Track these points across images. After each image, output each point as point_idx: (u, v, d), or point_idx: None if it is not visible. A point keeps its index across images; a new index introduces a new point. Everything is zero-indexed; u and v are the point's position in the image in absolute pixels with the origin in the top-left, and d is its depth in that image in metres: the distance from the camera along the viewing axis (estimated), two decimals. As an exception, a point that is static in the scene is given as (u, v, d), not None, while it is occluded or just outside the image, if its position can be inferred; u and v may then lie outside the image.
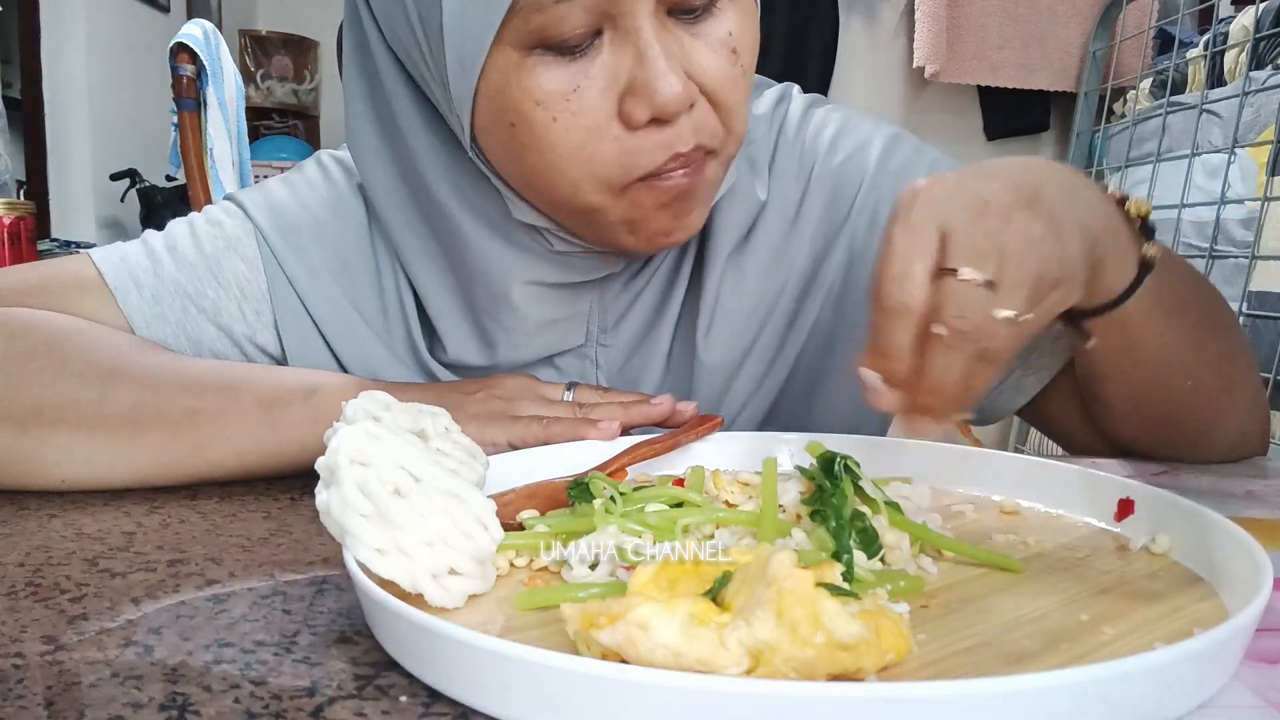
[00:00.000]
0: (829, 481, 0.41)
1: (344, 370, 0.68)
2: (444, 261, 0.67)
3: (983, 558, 0.41)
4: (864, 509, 0.41)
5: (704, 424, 0.59)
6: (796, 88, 0.76)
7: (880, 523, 0.41)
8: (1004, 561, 0.40)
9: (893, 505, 0.43)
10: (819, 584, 0.30)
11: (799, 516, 0.43)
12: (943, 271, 0.41)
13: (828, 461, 0.43)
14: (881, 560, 0.40)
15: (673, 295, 0.70)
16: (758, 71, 0.79)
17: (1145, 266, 0.51)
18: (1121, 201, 0.53)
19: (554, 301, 0.67)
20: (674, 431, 0.58)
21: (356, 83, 0.65)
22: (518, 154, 0.56)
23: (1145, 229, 0.52)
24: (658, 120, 0.54)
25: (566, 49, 0.53)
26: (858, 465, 0.43)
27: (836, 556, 0.38)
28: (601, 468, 0.52)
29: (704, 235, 0.69)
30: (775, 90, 0.75)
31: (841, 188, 0.70)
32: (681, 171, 0.56)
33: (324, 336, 0.68)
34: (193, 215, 0.71)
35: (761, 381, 0.71)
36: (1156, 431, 0.64)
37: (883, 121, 0.74)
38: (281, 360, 0.69)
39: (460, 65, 0.54)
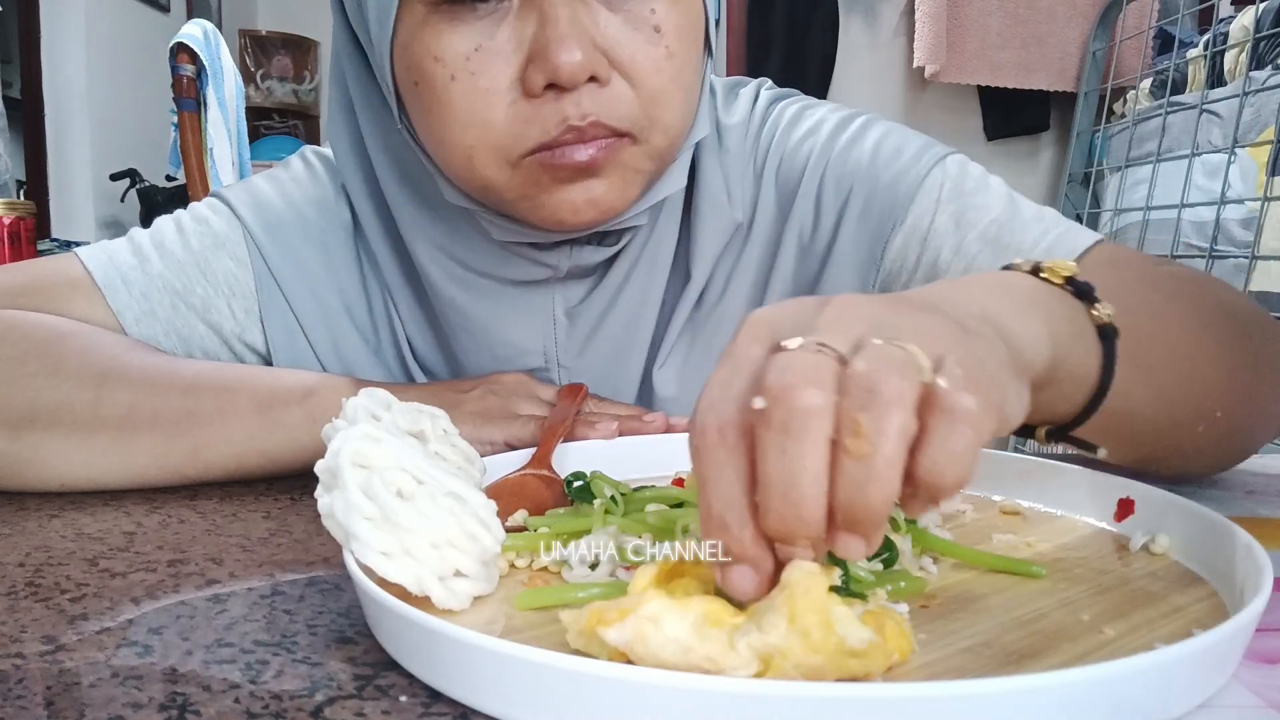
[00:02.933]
0: None
1: (324, 370, 0.68)
2: (406, 267, 0.68)
3: (1007, 567, 0.40)
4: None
5: (576, 395, 0.61)
6: (767, 83, 0.74)
7: (900, 540, 0.41)
8: (1025, 568, 0.40)
9: (914, 522, 0.42)
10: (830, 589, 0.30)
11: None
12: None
13: None
14: (883, 561, 0.39)
15: (643, 319, 0.67)
16: (760, 72, 0.78)
17: (1106, 333, 0.41)
18: (1035, 271, 0.41)
19: (499, 300, 0.65)
20: (564, 409, 0.59)
21: (335, 87, 0.66)
22: (423, 118, 0.56)
23: (1079, 290, 0.41)
24: (557, 89, 0.52)
25: (469, 4, 0.52)
26: None
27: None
28: (536, 461, 0.52)
29: (677, 263, 0.67)
30: (748, 90, 0.72)
31: (789, 177, 0.68)
32: (580, 148, 0.53)
33: (307, 337, 0.68)
34: (179, 213, 0.71)
35: None
36: (1194, 470, 0.55)
37: (840, 108, 0.71)
38: (268, 359, 0.69)
39: (378, 21, 0.55)
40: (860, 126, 0.68)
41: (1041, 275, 0.40)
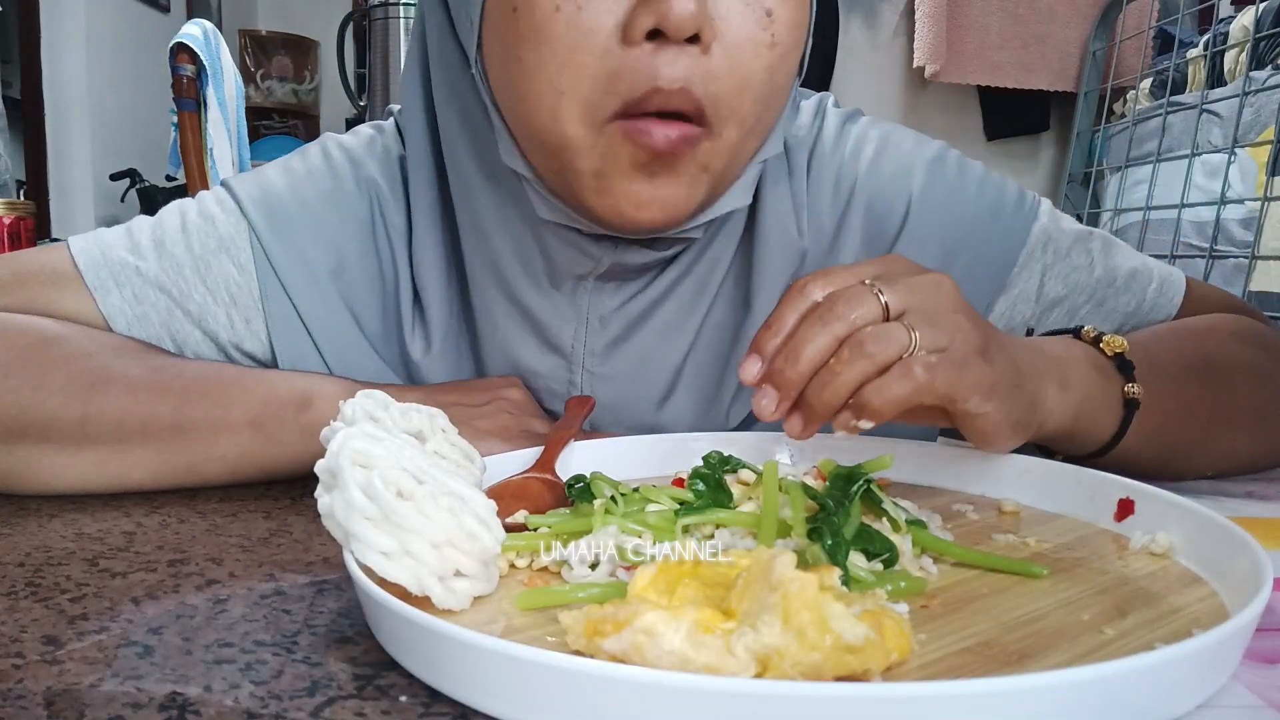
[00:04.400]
0: (832, 500, 0.41)
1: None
2: (446, 250, 0.67)
3: (1007, 567, 0.40)
4: (877, 527, 0.41)
5: (584, 406, 0.61)
6: (832, 98, 0.72)
7: (900, 540, 0.41)
8: (1025, 568, 0.40)
9: (917, 523, 0.42)
10: (822, 587, 0.30)
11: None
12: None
13: (843, 478, 0.43)
14: (883, 561, 0.39)
15: (678, 341, 0.66)
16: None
17: (1130, 405, 0.52)
18: (1096, 341, 0.54)
19: (539, 289, 0.64)
20: (571, 419, 0.59)
21: (415, 42, 0.65)
22: (514, 51, 0.53)
23: (1123, 366, 0.53)
24: (658, 41, 0.50)
25: None
26: (881, 488, 0.43)
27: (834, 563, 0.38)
28: (540, 465, 0.52)
29: (730, 286, 0.65)
30: (811, 104, 0.70)
31: (883, 216, 0.66)
32: (662, 130, 0.52)
33: (316, 344, 0.66)
34: (185, 205, 0.67)
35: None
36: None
37: (924, 140, 0.70)
38: (269, 366, 0.66)
39: None
40: (956, 171, 0.67)
41: (1099, 346, 0.54)
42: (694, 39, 0.51)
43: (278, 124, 3.60)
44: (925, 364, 0.42)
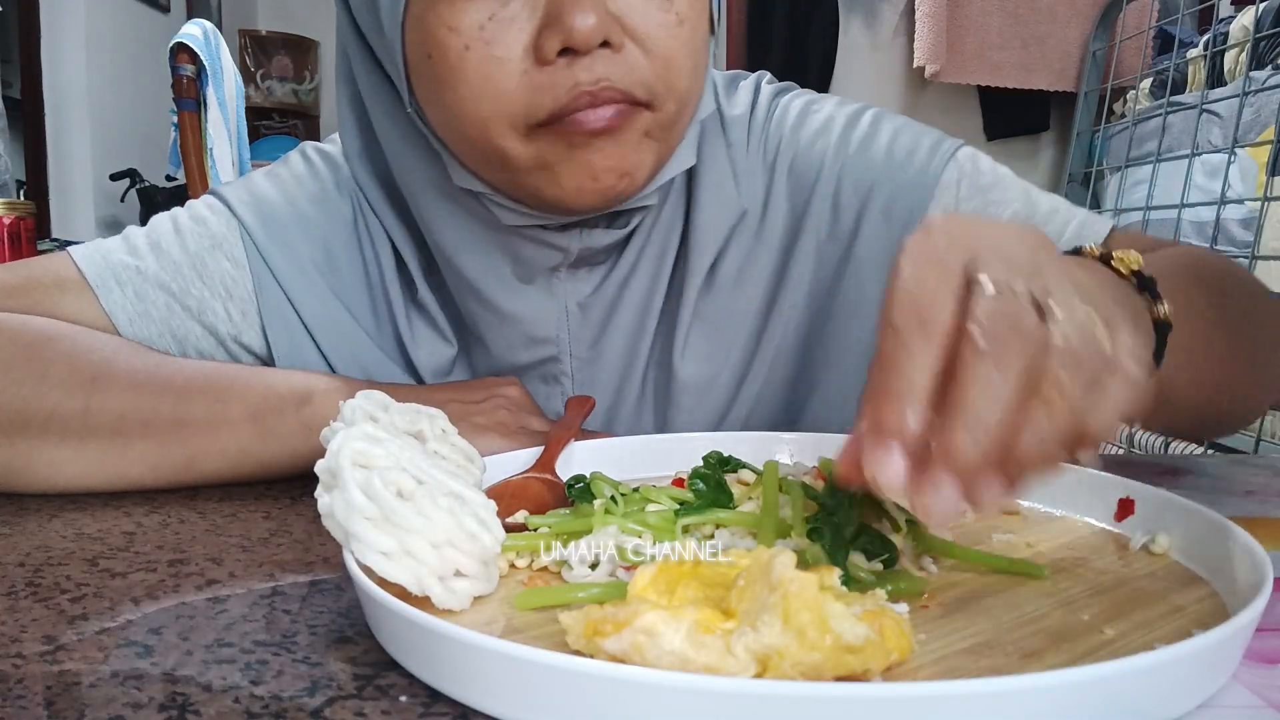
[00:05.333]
0: (833, 500, 0.41)
1: (333, 370, 0.67)
2: (420, 253, 0.68)
3: (1007, 567, 0.40)
4: (877, 527, 0.41)
5: (584, 406, 0.62)
6: (767, 76, 0.75)
7: (900, 540, 0.41)
8: (1025, 568, 0.40)
9: (917, 523, 0.42)
10: (822, 587, 0.30)
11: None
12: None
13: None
14: (883, 561, 0.39)
15: (652, 307, 0.68)
16: (760, 70, 0.78)
17: (1162, 327, 0.43)
18: (1105, 259, 0.43)
19: (515, 292, 0.65)
20: (571, 418, 0.59)
21: (343, 85, 0.67)
22: (437, 92, 0.56)
23: (1143, 283, 0.43)
24: (571, 54, 0.52)
25: None
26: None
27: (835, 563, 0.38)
28: (540, 465, 0.52)
29: (683, 247, 0.67)
30: (749, 83, 0.73)
31: (803, 175, 0.68)
32: (594, 113, 0.53)
33: (313, 337, 0.67)
34: (176, 211, 0.70)
35: (736, 393, 0.69)
36: (1200, 431, 0.62)
37: (846, 102, 0.72)
38: (267, 360, 0.68)
39: None
40: (870, 123, 0.69)
41: (1111, 265, 0.43)
42: (604, 44, 0.53)
43: (278, 124, 3.60)
44: (1127, 354, 0.32)
